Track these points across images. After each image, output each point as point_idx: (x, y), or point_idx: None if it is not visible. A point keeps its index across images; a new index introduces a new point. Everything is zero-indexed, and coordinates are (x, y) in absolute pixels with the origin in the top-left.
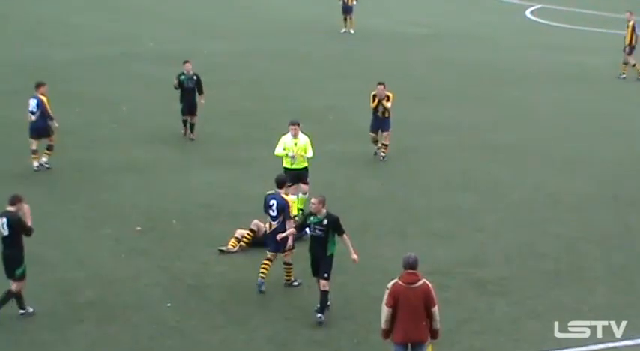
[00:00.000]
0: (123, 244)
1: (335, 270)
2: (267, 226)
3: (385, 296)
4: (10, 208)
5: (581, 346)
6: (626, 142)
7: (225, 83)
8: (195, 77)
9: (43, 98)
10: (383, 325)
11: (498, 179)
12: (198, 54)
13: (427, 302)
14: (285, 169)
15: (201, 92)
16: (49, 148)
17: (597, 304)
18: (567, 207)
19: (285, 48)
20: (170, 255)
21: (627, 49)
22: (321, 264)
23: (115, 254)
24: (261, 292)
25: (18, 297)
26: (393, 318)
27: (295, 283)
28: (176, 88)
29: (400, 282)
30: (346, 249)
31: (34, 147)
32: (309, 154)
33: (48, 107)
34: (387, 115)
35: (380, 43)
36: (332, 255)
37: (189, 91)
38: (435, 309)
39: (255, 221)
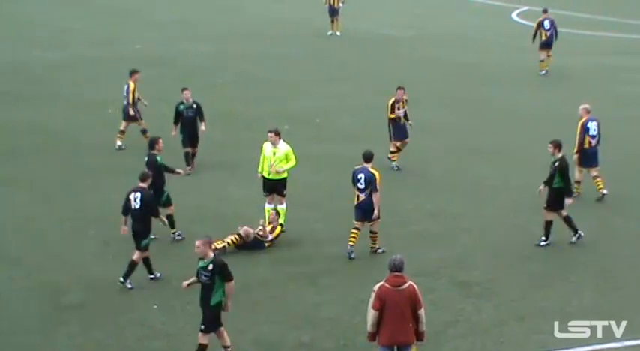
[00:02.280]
0: (109, 246)
1: (321, 272)
2: (356, 197)
3: (371, 299)
4: (142, 184)
5: (581, 346)
6: (612, 145)
7: (211, 85)
8: (195, 105)
9: (132, 85)
10: (369, 328)
11: (484, 181)
12: (185, 55)
13: (413, 304)
14: (264, 178)
15: (202, 120)
16: (143, 131)
17: (583, 306)
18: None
19: (271, 50)
20: (156, 257)
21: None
22: (203, 314)
23: (101, 257)
24: (351, 258)
25: (147, 264)
26: (379, 321)
27: (380, 251)
28: (175, 123)
29: (386, 284)
30: (225, 299)
31: (121, 127)
32: (290, 165)
33: (132, 94)
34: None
35: (366, 45)
36: (218, 304)
37: (189, 121)
38: (422, 311)
39: (245, 227)
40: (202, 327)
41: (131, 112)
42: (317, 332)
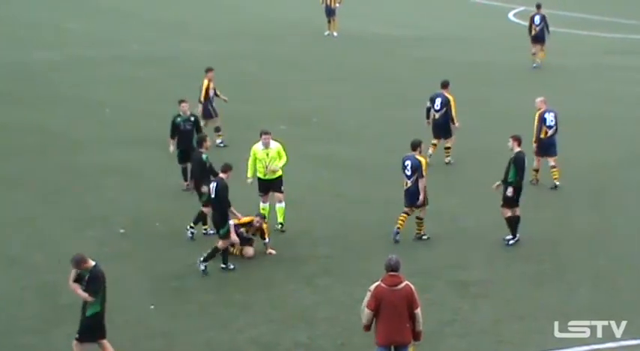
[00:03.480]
0: (106, 246)
1: (319, 272)
2: (404, 184)
3: (366, 298)
4: (222, 175)
5: (581, 346)
6: (609, 144)
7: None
8: (192, 118)
9: (206, 82)
10: (364, 321)
11: (481, 181)
12: (184, 55)
13: (410, 304)
14: (259, 179)
15: (199, 132)
16: (216, 129)
17: (580, 305)
18: (550, 209)
19: (269, 50)
20: (154, 257)
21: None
22: (79, 322)
23: (98, 257)
24: (396, 241)
25: (223, 253)
26: (376, 320)
27: (425, 237)
28: (172, 137)
29: (383, 284)
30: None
31: (217, 123)
32: (282, 162)
33: (206, 91)
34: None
35: (363, 45)
36: (93, 315)
37: (186, 135)
38: (418, 311)
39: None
40: (77, 336)
41: (209, 109)
42: (314, 332)
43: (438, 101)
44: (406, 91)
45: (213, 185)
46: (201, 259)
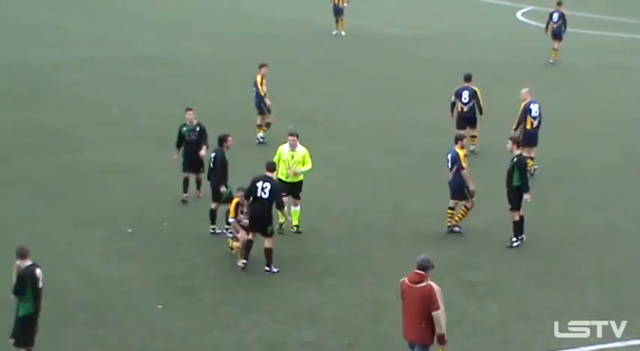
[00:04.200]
0: (113, 246)
1: (326, 272)
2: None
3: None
4: (270, 174)
5: (581, 346)
6: (614, 144)
7: (213, 85)
8: (198, 128)
9: (259, 78)
10: None
11: (487, 181)
12: (186, 55)
13: (426, 305)
14: (280, 180)
15: (205, 144)
16: (267, 125)
17: (587, 305)
18: (556, 209)
19: (275, 49)
20: (160, 257)
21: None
22: (13, 324)
23: (105, 256)
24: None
25: (269, 254)
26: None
27: (456, 229)
28: (178, 146)
29: (406, 280)
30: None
31: (258, 121)
32: (306, 167)
33: (260, 87)
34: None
35: (370, 44)
36: (25, 316)
37: (192, 145)
38: (437, 313)
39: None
40: (12, 340)
41: (268, 104)
42: (321, 332)
43: (466, 94)
44: (410, 90)
45: (265, 185)
46: (266, 268)
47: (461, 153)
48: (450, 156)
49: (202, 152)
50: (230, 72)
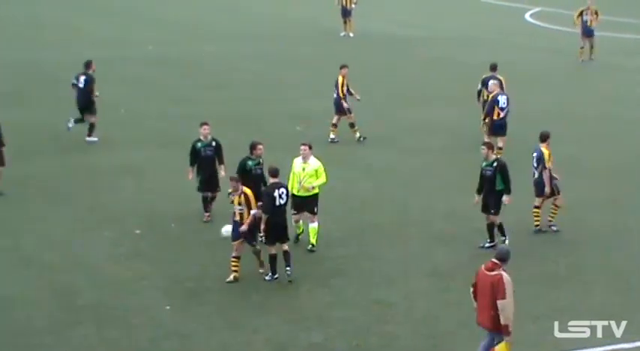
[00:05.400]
0: (122, 247)
1: (334, 273)
2: (533, 175)
3: None
4: (277, 180)
5: (582, 346)
6: (622, 145)
7: (221, 86)
8: (214, 143)
9: (340, 79)
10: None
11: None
12: (194, 56)
13: (494, 293)
14: (293, 195)
15: (221, 161)
16: (350, 125)
17: (595, 305)
18: (564, 209)
19: (283, 50)
20: (169, 258)
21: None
22: None
23: (114, 257)
24: (540, 231)
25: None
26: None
27: (554, 229)
28: (192, 164)
29: (483, 267)
30: None
31: (333, 121)
32: (320, 181)
33: (341, 87)
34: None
35: (378, 45)
36: None
37: (207, 161)
38: (502, 302)
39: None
40: None
41: (345, 105)
42: (329, 333)
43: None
44: (419, 91)
45: (281, 191)
46: (287, 270)
47: (546, 152)
48: (535, 155)
49: (222, 173)
50: (238, 72)
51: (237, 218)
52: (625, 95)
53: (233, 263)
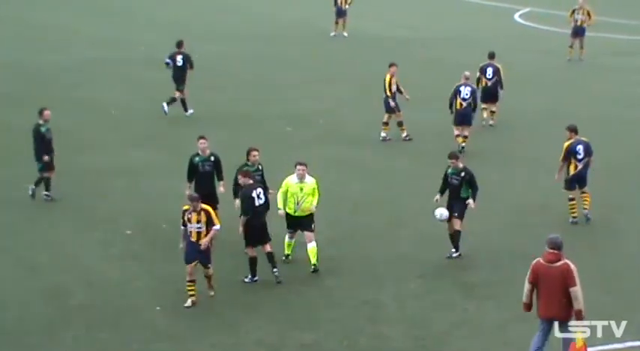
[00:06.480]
0: (112, 247)
1: (324, 273)
2: (572, 168)
3: (528, 273)
4: (252, 181)
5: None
6: (616, 146)
7: (215, 86)
8: (213, 158)
9: (388, 78)
10: (523, 298)
11: (487, 183)
12: (193, 57)
13: (565, 282)
14: (288, 215)
15: (220, 178)
16: (399, 124)
17: (588, 307)
18: (555, 211)
19: (274, 51)
20: (160, 259)
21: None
22: None
23: (105, 258)
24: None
25: (272, 257)
26: (533, 294)
27: (589, 216)
28: (190, 179)
29: (541, 260)
30: None
31: (384, 119)
32: (315, 200)
33: (389, 86)
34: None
35: (369, 46)
36: None
37: (205, 177)
38: (574, 289)
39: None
40: None
41: (391, 104)
42: (320, 333)
43: (490, 70)
44: (412, 92)
45: (259, 192)
46: (275, 272)
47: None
48: (581, 146)
49: (222, 189)
50: (234, 73)
51: (194, 238)
52: (618, 96)
53: (189, 287)
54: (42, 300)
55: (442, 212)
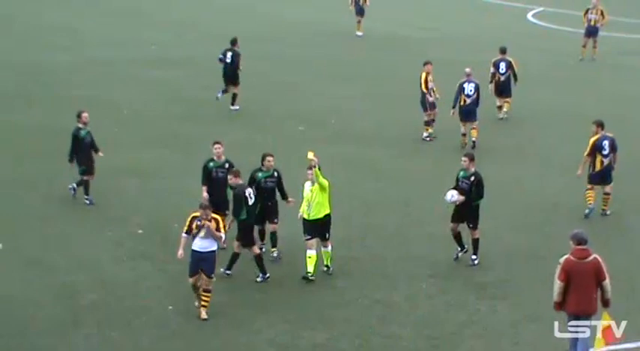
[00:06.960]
0: (124, 247)
1: (336, 274)
2: (598, 164)
3: (557, 271)
4: (241, 180)
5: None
6: (626, 146)
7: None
8: (227, 164)
9: (423, 75)
10: (555, 297)
11: (498, 182)
12: (198, 56)
13: (598, 276)
14: (304, 219)
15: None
16: (425, 122)
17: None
18: (567, 210)
19: (287, 51)
20: (171, 258)
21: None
22: None
23: (117, 257)
24: (586, 217)
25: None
26: (565, 291)
27: (608, 212)
28: (204, 184)
29: (571, 257)
30: None
31: (425, 118)
32: (325, 186)
33: (424, 83)
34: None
35: (381, 46)
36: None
37: (218, 183)
38: (606, 282)
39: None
40: None
41: (430, 99)
42: (332, 333)
43: (503, 65)
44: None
45: (250, 191)
46: (259, 275)
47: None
48: (607, 142)
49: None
50: (246, 72)
51: (198, 247)
52: (630, 95)
53: (197, 293)
54: (53, 299)
55: (453, 194)
